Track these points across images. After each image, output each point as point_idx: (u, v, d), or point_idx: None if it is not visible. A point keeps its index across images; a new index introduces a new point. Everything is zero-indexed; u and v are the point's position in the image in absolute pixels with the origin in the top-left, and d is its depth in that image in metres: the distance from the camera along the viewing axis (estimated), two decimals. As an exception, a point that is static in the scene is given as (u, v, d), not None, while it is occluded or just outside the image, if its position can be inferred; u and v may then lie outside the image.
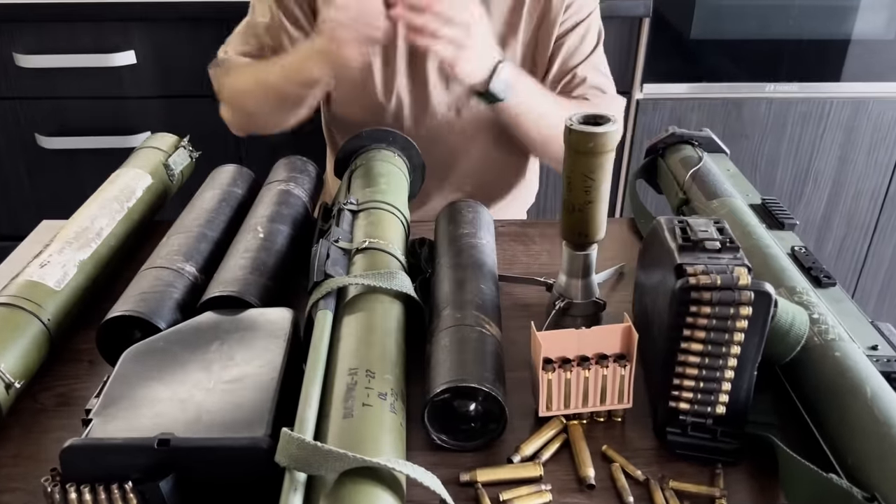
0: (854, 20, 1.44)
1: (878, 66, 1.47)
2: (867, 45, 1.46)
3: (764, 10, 1.41)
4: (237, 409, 0.52)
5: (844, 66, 1.47)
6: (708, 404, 0.54)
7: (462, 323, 0.61)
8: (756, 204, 0.82)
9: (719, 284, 0.50)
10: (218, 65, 1.02)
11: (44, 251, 0.70)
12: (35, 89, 1.42)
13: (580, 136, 0.61)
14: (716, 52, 1.43)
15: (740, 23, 1.41)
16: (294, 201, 0.81)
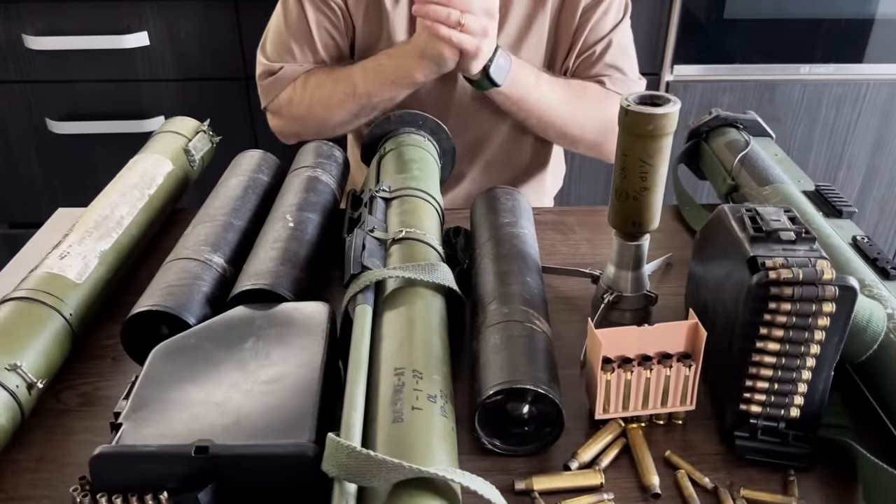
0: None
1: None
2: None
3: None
4: (278, 413, 0.48)
5: (880, 46, 1.41)
6: (781, 407, 0.51)
7: (510, 319, 0.57)
8: (809, 191, 0.78)
9: (801, 279, 0.46)
10: (269, 75, 0.97)
11: (63, 242, 0.67)
12: (45, 72, 1.37)
13: (638, 117, 0.57)
14: (749, 32, 1.38)
15: (776, 1, 1.36)
16: (322, 188, 0.77)
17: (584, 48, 0.99)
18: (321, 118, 0.97)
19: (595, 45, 0.98)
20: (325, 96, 0.95)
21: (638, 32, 1.30)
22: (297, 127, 1.00)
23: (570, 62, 1.00)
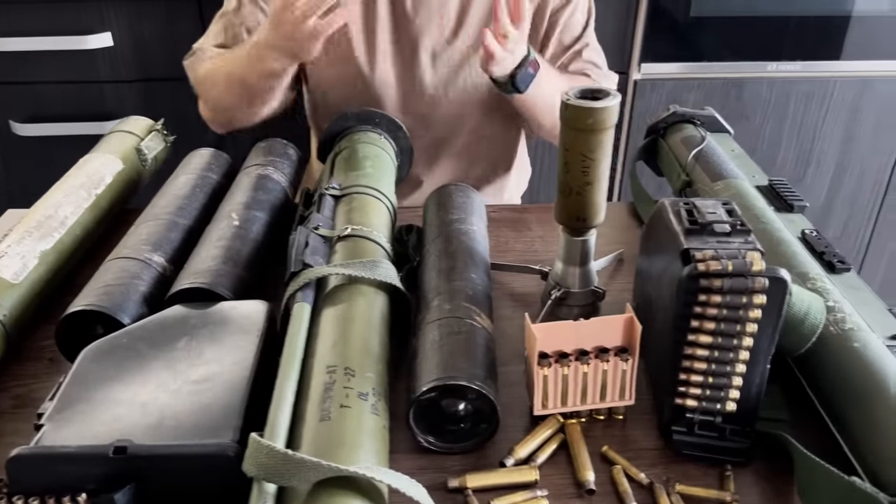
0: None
1: (884, 43, 1.42)
2: (871, 22, 1.41)
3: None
4: (204, 413, 0.48)
5: (848, 43, 1.42)
6: (717, 401, 0.50)
7: (451, 315, 0.56)
8: (763, 185, 0.78)
9: (731, 271, 0.46)
10: (191, 56, 0.96)
11: (2, 241, 0.65)
12: (7, 73, 1.36)
13: (578, 111, 0.57)
14: (716, 30, 1.38)
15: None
16: (272, 186, 0.76)
17: (561, 48, 1.00)
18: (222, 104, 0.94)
19: (574, 43, 1.00)
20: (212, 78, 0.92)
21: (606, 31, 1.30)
22: (218, 113, 0.96)
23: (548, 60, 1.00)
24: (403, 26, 0.95)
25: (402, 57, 0.97)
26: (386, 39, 0.96)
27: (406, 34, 0.96)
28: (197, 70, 0.94)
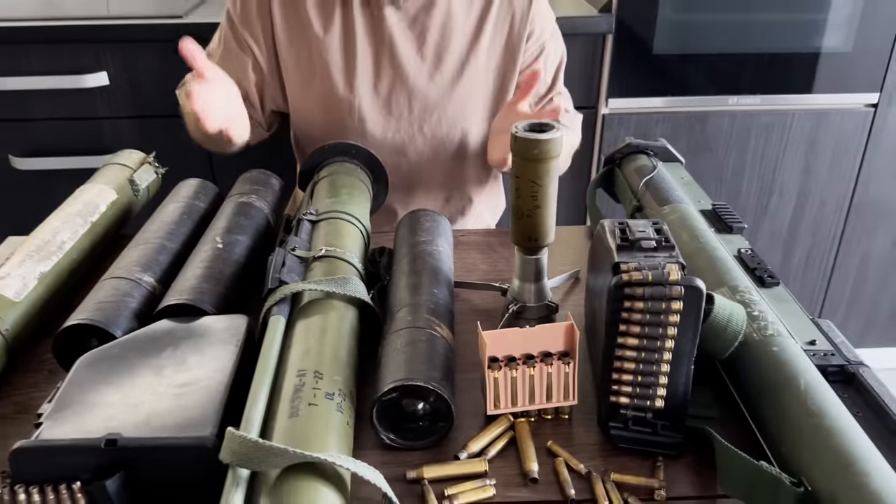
0: (814, 34, 1.48)
1: (839, 78, 1.51)
2: (827, 59, 1.50)
3: (724, 26, 1.45)
4: (186, 411, 0.53)
5: (806, 78, 1.51)
6: (647, 398, 0.56)
7: (414, 325, 0.62)
8: (707, 210, 0.84)
9: (650, 280, 0.52)
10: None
11: (4, 264, 0.71)
12: (8, 111, 1.43)
13: (526, 143, 0.63)
14: (679, 66, 1.47)
15: (702, 38, 1.45)
16: (255, 213, 0.82)
17: (534, 98, 1.09)
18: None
19: (547, 93, 1.10)
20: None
21: (574, 68, 1.39)
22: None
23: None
24: (383, 64, 1.03)
25: (381, 94, 1.04)
26: (366, 76, 1.03)
27: (386, 72, 1.03)
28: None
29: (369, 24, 1.01)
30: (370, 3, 1.01)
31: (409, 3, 1.01)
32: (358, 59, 1.02)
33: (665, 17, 1.43)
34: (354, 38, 1.01)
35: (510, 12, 1.04)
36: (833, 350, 0.62)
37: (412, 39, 1.02)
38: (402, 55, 1.02)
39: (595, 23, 1.42)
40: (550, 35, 1.09)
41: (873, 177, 1.58)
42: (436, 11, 1.02)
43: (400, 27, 1.02)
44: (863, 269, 1.68)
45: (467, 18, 1.03)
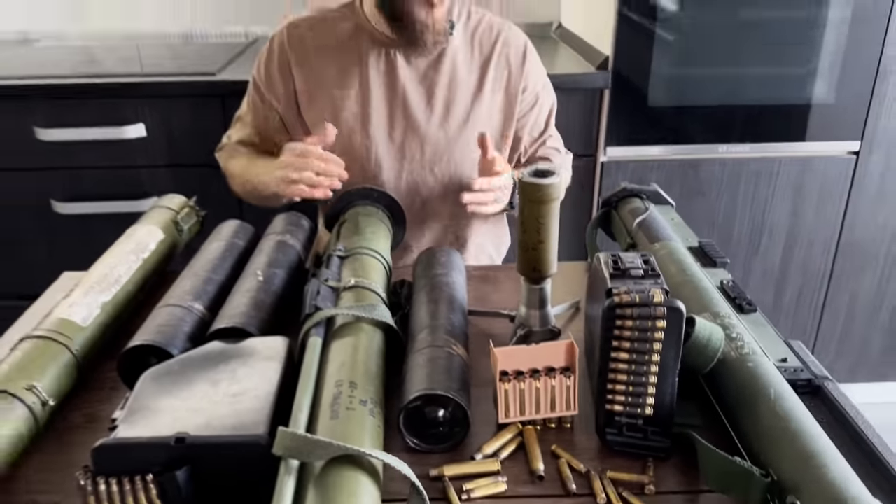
0: (798, 87, 1.59)
1: (822, 127, 1.62)
2: (811, 109, 1.61)
3: (713, 80, 1.57)
4: (240, 415, 0.62)
5: (791, 128, 1.62)
6: (637, 406, 0.64)
7: (433, 345, 0.71)
8: (694, 246, 0.94)
9: (638, 302, 0.61)
10: (221, 149, 1.17)
11: (71, 294, 0.81)
12: (53, 160, 1.55)
13: (531, 186, 0.73)
14: (671, 117, 1.59)
15: (693, 91, 1.57)
16: (289, 250, 0.92)
17: (530, 140, 1.23)
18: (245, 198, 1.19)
19: (540, 136, 1.23)
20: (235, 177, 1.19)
21: (575, 119, 1.51)
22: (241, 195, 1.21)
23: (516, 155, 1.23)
24: (396, 115, 1.14)
25: (396, 141, 1.15)
26: (381, 126, 1.14)
27: (399, 122, 1.14)
28: (223, 162, 1.16)
29: (384, 80, 1.13)
30: (385, 62, 1.13)
31: (419, 61, 1.13)
32: (373, 111, 1.13)
33: (658, 72, 1.55)
34: (370, 93, 1.13)
35: (507, 68, 1.17)
36: (802, 367, 0.71)
37: (422, 93, 1.14)
38: (413, 107, 1.14)
39: (593, 79, 1.54)
40: (543, 86, 1.21)
41: (858, 220, 1.68)
42: (443, 68, 1.14)
43: (412, 82, 1.14)
44: (852, 307, 1.77)
45: (470, 74, 1.16)
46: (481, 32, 1.17)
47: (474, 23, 1.17)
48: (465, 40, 1.16)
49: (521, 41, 1.19)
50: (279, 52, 1.15)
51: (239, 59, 1.71)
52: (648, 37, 1.53)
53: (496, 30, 1.17)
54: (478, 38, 1.17)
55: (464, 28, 1.16)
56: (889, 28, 1.54)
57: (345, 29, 1.14)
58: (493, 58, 1.16)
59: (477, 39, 1.17)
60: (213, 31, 2.02)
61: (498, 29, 1.18)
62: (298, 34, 1.15)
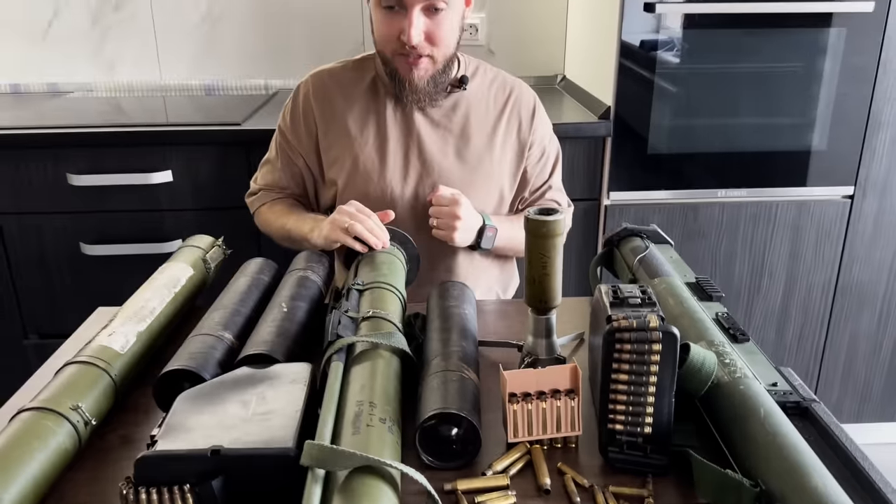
0: (792, 135, 1.67)
1: (817, 173, 1.69)
2: (805, 156, 1.68)
3: (710, 129, 1.65)
4: (270, 431, 0.67)
5: (787, 173, 1.68)
6: (637, 425, 0.69)
7: (446, 369, 0.77)
8: (691, 282, 0.99)
9: (635, 327, 0.67)
10: (252, 194, 1.26)
11: (110, 324, 0.87)
12: (83, 204, 1.63)
13: (536, 223, 0.80)
14: (670, 163, 1.66)
15: (691, 139, 1.65)
16: (311, 285, 0.98)
17: (532, 190, 1.31)
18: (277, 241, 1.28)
19: (541, 186, 1.31)
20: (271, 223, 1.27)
21: (579, 165, 1.58)
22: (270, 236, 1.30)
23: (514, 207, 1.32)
24: (412, 159, 1.22)
25: (410, 183, 1.23)
26: (397, 169, 1.22)
27: (414, 165, 1.22)
28: (254, 207, 1.25)
29: (401, 127, 1.22)
30: (401, 111, 1.21)
31: (434, 110, 1.22)
32: (390, 155, 1.21)
33: (658, 121, 1.63)
34: (387, 138, 1.21)
35: (517, 121, 1.25)
36: (791, 390, 0.76)
37: (437, 139, 1.22)
38: (428, 151, 1.22)
39: (595, 127, 1.62)
40: (549, 140, 1.30)
41: (855, 261, 1.73)
42: (456, 117, 1.22)
43: (426, 128, 1.22)
44: (853, 347, 1.80)
45: (482, 124, 1.24)
46: (496, 88, 1.26)
47: (489, 78, 1.27)
48: (479, 93, 1.25)
49: (531, 98, 1.28)
50: (303, 100, 1.24)
51: (262, 110, 1.81)
52: (648, 88, 1.61)
53: (509, 86, 1.27)
54: (493, 93, 1.26)
55: (479, 83, 1.25)
56: (876, 82, 1.63)
57: (364, 79, 1.23)
58: (506, 111, 1.25)
59: (492, 94, 1.26)
60: (233, 84, 2.13)
61: (511, 85, 1.27)
62: (321, 82, 1.24)
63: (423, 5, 1.09)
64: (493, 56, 2.10)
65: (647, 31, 1.59)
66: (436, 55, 1.15)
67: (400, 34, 1.11)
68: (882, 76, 1.63)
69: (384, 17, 1.12)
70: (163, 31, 2.07)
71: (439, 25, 1.12)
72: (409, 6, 1.09)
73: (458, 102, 1.23)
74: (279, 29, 2.09)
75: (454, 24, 1.15)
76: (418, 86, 1.17)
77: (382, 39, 1.15)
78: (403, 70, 1.16)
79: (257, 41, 2.10)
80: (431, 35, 1.12)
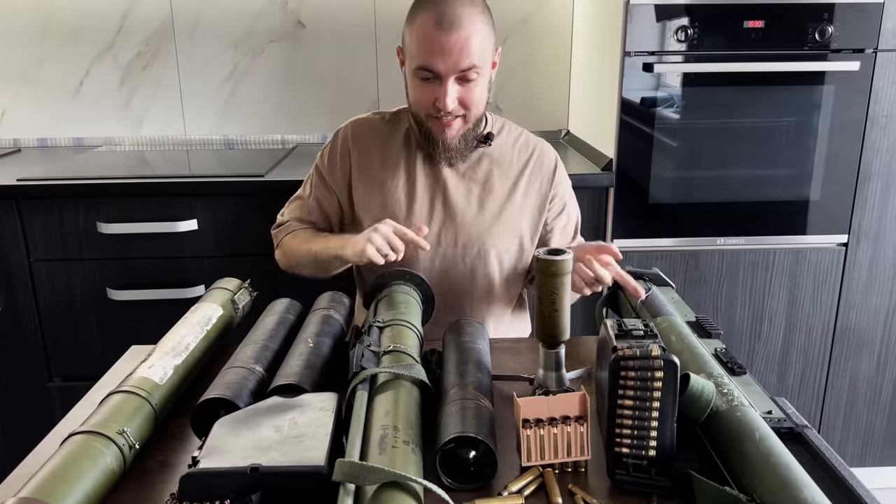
0: (787, 186, 1.75)
1: (811, 222, 1.76)
2: (800, 206, 1.76)
3: (707, 180, 1.73)
4: (303, 451, 0.73)
5: (783, 222, 1.76)
6: (642, 448, 0.75)
7: (464, 397, 0.82)
8: (691, 321, 1.06)
9: (638, 355, 0.73)
10: (278, 226, 1.33)
11: (149, 358, 0.93)
12: (112, 251, 1.71)
13: (546, 262, 0.87)
14: (671, 213, 1.74)
15: (689, 190, 1.73)
16: (334, 323, 1.05)
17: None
18: (295, 263, 1.33)
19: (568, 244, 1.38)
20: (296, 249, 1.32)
21: (584, 214, 1.66)
22: (288, 264, 1.36)
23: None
24: (436, 206, 1.31)
25: (433, 229, 1.31)
26: (422, 215, 1.30)
27: (438, 213, 1.31)
28: (280, 237, 1.33)
29: (428, 176, 1.31)
30: (430, 162, 1.30)
31: (460, 163, 1.30)
32: (416, 202, 1.30)
33: (657, 173, 1.72)
34: (415, 186, 1.30)
35: (539, 177, 1.34)
36: (785, 417, 0.81)
37: (461, 189, 1.31)
38: (452, 200, 1.30)
39: (598, 178, 1.71)
40: (570, 197, 1.37)
41: (852, 307, 1.79)
42: (480, 170, 1.32)
43: (453, 179, 1.31)
44: (853, 391, 1.84)
45: (505, 178, 1.32)
46: (520, 145, 1.35)
47: (514, 136, 1.36)
48: (504, 149, 1.34)
49: (553, 156, 1.37)
50: (342, 142, 1.35)
51: (283, 163, 1.90)
52: (648, 141, 1.71)
53: (532, 144, 1.36)
54: (517, 149, 1.35)
55: (504, 139, 1.35)
56: (865, 136, 1.72)
57: (398, 130, 1.34)
58: (528, 166, 1.33)
59: (516, 150, 1.35)
60: (252, 139, 2.24)
61: (534, 144, 1.36)
62: (360, 129, 1.35)
63: (457, 76, 1.19)
64: (500, 112, 2.20)
65: (647, 88, 1.69)
66: (468, 115, 1.25)
67: (435, 101, 1.21)
68: (870, 130, 1.72)
69: (420, 85, 1.22)
70: (188, 90, 2.20)
71: (471, 91, 1.22)
72: (444, 77, 1.19)
73: (483, 156, 1.33)
74: (297, 88, 2.21)
75: (483, 89, 1.25)
76: (451, 145, 1.26)
77: (417, 104, 1.25)
78: (437, 131, 1.25)
79: (276, 99, 2.21)
80: (464, 100, 1.22)
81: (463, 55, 1.16)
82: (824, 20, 1.65)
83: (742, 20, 1.64)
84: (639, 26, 1.65)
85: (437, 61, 1.17)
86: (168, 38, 2.15)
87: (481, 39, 1.19)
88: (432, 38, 1.16)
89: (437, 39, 1.16)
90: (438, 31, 1.16)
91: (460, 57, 1.16)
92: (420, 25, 1.18)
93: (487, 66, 1.23)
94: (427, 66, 1.18)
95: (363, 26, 2.16)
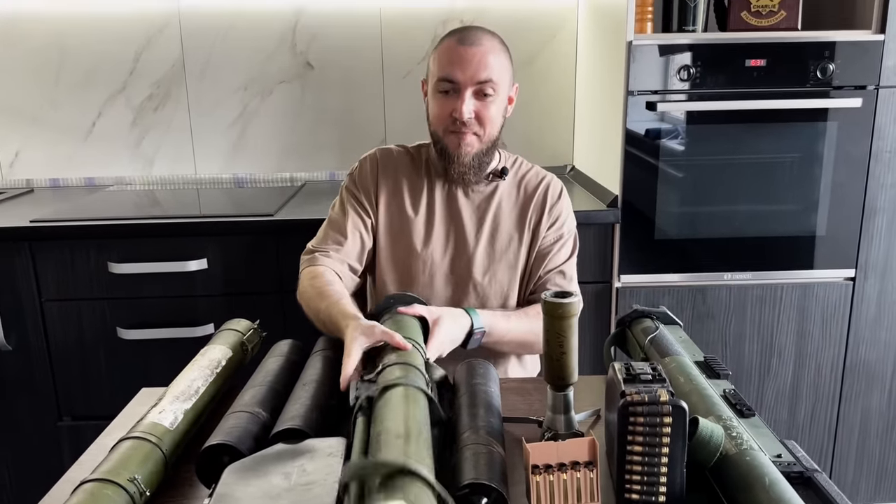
0: (793, 221, 1.76)
1: (818, 257, 1.76)
2: (806, 241, 1.77)
3: (714, 215, 1.74)
4: (311, 500, 0.73)
5: (789, 258, 1.76)
6: (652, 494, 0.74)
7: (477, 442, 0.83)
8: (700, 361, 1.06)
9: (647, 401, 0.73)
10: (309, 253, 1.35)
11: (160, 402, 0.94)
12: (122, 291, 1.72)
13: (553, 305, 0.88)
14: (676, 248, 1.74)
15: (695, 225, 1.74)
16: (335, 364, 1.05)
17: (542, 275, 1.38)
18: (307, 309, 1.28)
19: (549, 273, 1.38)
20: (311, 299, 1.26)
21: (591, 250, 1.67)
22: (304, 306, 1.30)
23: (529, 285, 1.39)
24: (451, 236, 1.35)
25: (448, 257, 1.34)
26: (438, 243, 1.34)
27: (451, 241, 1.34)
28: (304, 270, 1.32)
29: (446, 206, 1.36)
30: (448, 192, 1.36)
31: (475, 195, 1.37)
32: (434, 230, 1.33)
33: (663, 209, 1.73)
34: (434, 214, 1.34)
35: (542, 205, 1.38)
36: (795, 461, 0.81)
37: (475, 221, 1.35)
38: (466, 231, 1.35)
39: (605, 215, 1.72)
40: (568, 231, 1.39)
41: (861, 342, 1.78)
42: (493, 202, 1.37)
43: (468, 211, 1.35)
44: (865, 425, 1.82)
45: (514, 209, 1.37)
46: (529, 177, 1.40)
47: (524, 170, 1.42)
48: (514, 183, 1.40)
49: (559, 187, 1.41)
50: (370, 165, 1.39)
51: (292, 202, 1.93)
52: (653, 177, 1.72)
53: (541, 176, 1.41)
54: (525, 182, 1.40)
55: (514, 173, 1.40)
56: (869, 171, 1.73)
57: (419, 161, 1.40)
58: (536, 197, 1.38)
59: (524, 182, 1.40)
60: (261, 177, 2.27)
61: (542, 176, 1.41)
62: (386, 154, 1.40)
63: (475, 89, 1.26)
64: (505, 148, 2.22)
65: (651, 125, 1.71)
66: (482, 134, 1.31)
67: (452, 112, 1.28)
68: (874, 165, 1.73)
69: (439, 100, 1.30)
70: (199, 130, 2.24)
71: (486, 108, 1.29)
72: (463, 87, 1.26)
73: (497, 190, 1.38)
74: (306, 127, 2.25)
75: (499, 111, 1.32)
76: (464, 160, 1.31)
77: (436, 119, 1.32)
78: (452, 145, 1.30)
79: (286, 138, 2.25)
80: (479, 115, 1.29)
81: (481, 67, 1.25)
82: (825, 58, 1.68)
83: (744, 59, 1.67)
84: (641, 66, 1.67)
85: (457, 71, 1.25)
86: (179, 79, 2.19)
87: (499, 61, 1.28)
88: (453, 51, 1.26)
89: (458, 52, 1.26)
90: (460, 45, 1.26)
91: (479, 68, 1.25)
92: (443, 46, 1.28)
93: (504, 88, 1.30)
94: (447, 77, 1.26)
95: (370, 67, 2.20)
